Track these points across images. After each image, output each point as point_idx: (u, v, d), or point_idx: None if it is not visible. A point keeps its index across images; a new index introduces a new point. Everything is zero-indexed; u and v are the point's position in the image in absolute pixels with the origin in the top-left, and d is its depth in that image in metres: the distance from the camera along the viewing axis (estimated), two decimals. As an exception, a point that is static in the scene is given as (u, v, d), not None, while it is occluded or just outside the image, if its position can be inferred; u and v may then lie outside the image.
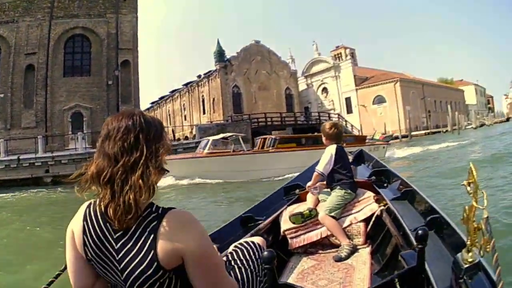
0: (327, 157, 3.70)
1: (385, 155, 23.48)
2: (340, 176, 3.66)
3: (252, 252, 2.00)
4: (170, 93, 72.99)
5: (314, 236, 3.46)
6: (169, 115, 71.50)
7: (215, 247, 1.54)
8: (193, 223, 1.37)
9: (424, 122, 65.09)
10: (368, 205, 3.57)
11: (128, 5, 36.53)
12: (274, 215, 3.71)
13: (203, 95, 59.41)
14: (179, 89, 68.69)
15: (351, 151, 5.66)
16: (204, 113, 58.64)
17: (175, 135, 42.25)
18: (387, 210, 3.40)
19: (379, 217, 3.44)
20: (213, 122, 45.42)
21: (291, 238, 3.47)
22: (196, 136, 33.68)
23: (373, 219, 3.46)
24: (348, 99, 65.04)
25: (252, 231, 3.16)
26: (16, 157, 23.63)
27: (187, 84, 64.93)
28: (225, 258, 1.94)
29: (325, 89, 68.54)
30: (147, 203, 1.37)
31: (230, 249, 2.10)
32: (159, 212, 1.36)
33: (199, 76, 60.43)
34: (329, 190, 3.73)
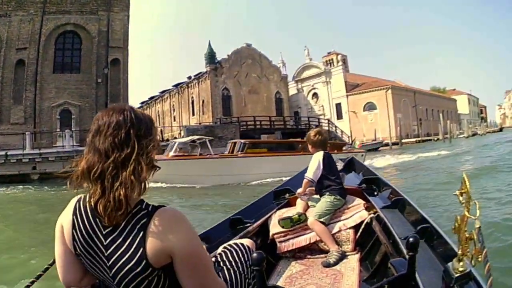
0: (315, 163, 3.76)
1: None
2: (329, 182, 3.72)
3: (241, 254, 2.02)
4: (160, 93, 73.16)
5: (303, 241, 3.52)
6: (159, 115, 71.59)
7: (204, 247, 1.54)
8: (183, 222, 1.38)
9: (415, 130, 65.79)
10: (358, 212, 3.63)
11: (120, 3, 36.59)
12: (263, 218, 3.75)
13: (192, 97, 59.70)
14: (169, 89, 68.90)
15: (341, 158, 5.92)
16: (194, 114, 58.87)
17: (163, 136, 42.41)
18: (377, 218, 3.45)
19: (368, 224, 3.50)
20: (201, 123, 45.50)
21: (279, 242, 3.54)
22: (184, 137, 33.17)
23: (363, 226, 3.52)
24: (338, 105, 65.62)
25: (241, 234, 3.19)
26: (4, 152, 23.78)
27: (177, 85, 65.18)
28: (214, 259, 1.97)
29: (315, 95, 69.10)
30: (137, 199, 1.38)
31: (219, 250, 2.13)
32: (149, 209, 1.36)
33: (189, 78, 60.63)
34: (318, 196, 3.79)
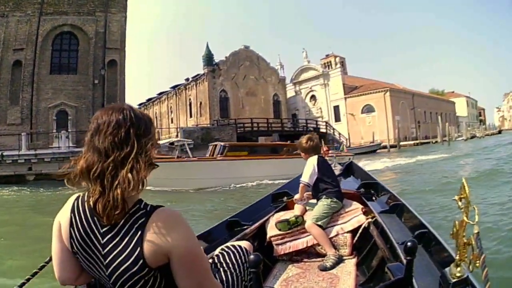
0: (310, 167, 3.80)
1: None
2: (325, 186, 3.75)
3: (238, 256, 2.02)
4: (157, 95, 73.50)
5: (300, 244, 3.55)
6: (156, 117, 71.72)
7: (201, 249, 1.54)
8: (181, 223, 1.38)
9: (414, 133, 65.94)
10: (356, 216, 3.65)
11: (117, 4, 36.57)
12: (261, 221, 3.78)
13: (190, 99, 60.09)
14: (166, 91, 69.30)
15: (340, 163, 6.01)
16: (191, 116, 59.32)
17: (160, 138, 42.32)
18: (375, 223, 3.48)
19: (366, 229, 3.53)
20: (198, 125, 45.84)
21: (276, 244, 3.56)
22: (180, 138, 33.04)
23: (360, 230, 3.54)
24: (336, 107, 65.82)
25: (238, 236, 3.20)
26: (0, 153, 23.90)
27: (174, 87, 65.58)
28: (211, 261, 1.97)
29: (313, 97, 69.38)
30: (135, 199, 1.39)
31: (217, 251, 2.13)
32: (148, 209, 1.37)
33: (187, 79, 61.05)
34: (315, 201, 3.81)
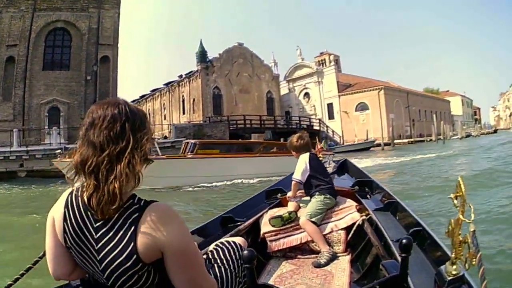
0: (301, 165, 3.84)
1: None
2: (318, 182, 3.77)
3: (232, 252, 2.03)
4: (151, 92, 73.91)
5: (294, 240, 3.56)
6: (149, 114, 71.41)
7: (195, 244, 1.55)
8: (175, 218, 1.38)
9: (408, 131, 66.37)
10: (350, 213, 3.67)
11: (111, 0, 37.01)
12: (255, 217, 3.80)
13: (183, 95, 60.70)
14: (159, 88, 69.89)
15: (335, 160, 6.06)
16: (184, 113, 59.89)
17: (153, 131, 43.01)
18: (369, 220, 3.49)
19: (360, 226, 3.54)
20: (191, 122, 45.88)
21: (270, 241, 3.57)
22: (172, 135, 33.80)
23: (354, 228, 3.56)
24: (330, 105, 66.32)
25: (232, 232, 3.21)
26: None
27: (168, 84, 66.12)
28: (205, 256, 1.97)
29: (307, 94, 69.97)
30: (130, 194, 1.38)
31: (211, 247, 2.13)
32: (141, 204, 1.37)
33: (180, 76, 61.72)
34: (308, 198, 3.84)
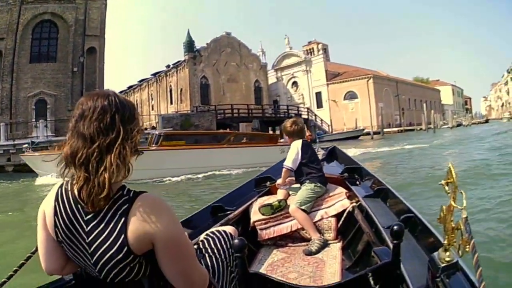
0: (293, 151, 3.89)
1: None
2: (309, 170, 3.82)
3: (223, 241, 2.07)
4: (138, 82, 74.20)
5: (284, 228, 3.62)
6: (137, 104, 71.01)
7: (186, 234, 1.55)
8: (164, 209, 1.39)
9: (397, 120, 67.35)
10: (340, 201, 3.73)
11: None
12: (244, 206, 3.85)
13: (171, 85, 61.23)
14: (147, 78, 70.24)
15: (323, 147, 6.13)
16: (172, 103, 60.52)
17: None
18: (359, 207, 3.55)
19: (351, 213, 3.60)
20: (178, 112, 46.69)
21: (260, 229, 3.64)
22: (159, 126, 34.45)
23: (345, 215, 3.62)
24: (318, 94, 67.25)
25: (222, 221, 3.23)
26: None
27: (155, 74, 66.46)
28: (196, 246, 2.01)
29: (295, 83, 70.93)
30: (119, 185, 1.40)
31: (201, 237, 2.16)
32: (131, 195, 1.38)
33: (167, 66, 62.16)
34: (299, 185, 3.89)
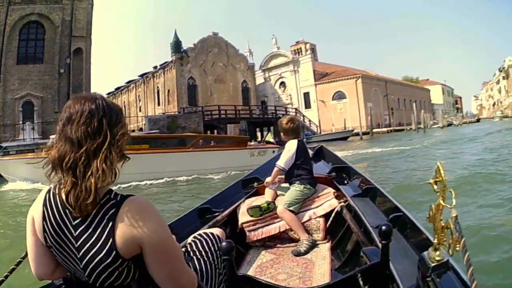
0: (288, 152, 3.89)
1: None
2: (300, 172, 3.86)
3: (211, 243, 2.14)
4: (126, 83, 74.58)
5: (273, 229, 3.66)
6: (125, 106, 72.07)
7: (173, 237, 1.59)
8: (151, 212, 1.42)
9: (387, 120, 68.23)
10: (328, 200, 3.77)
11: None
12: (232, 207, 3.87)
13: (158, 87, 61.55)
14: (134, 80, 70.59)
15: (310, 147, 5.89)
16: (159, 104, 61.13)
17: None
18: (348, 207, 3.58)
19: (339, 213, 3.64)
20: (165, 113, 47.51)
21: (249, 231, 3.66)
22: (146, 127, 35.09)
23: (333, 215, 3.67)
24: (306, 94, 67.96)
25: (209, 223, 3.26)
26: None
27: (142, 75, 66.70)
28: (184, 249, 2.07)
29: (283, 84, 71.60)
30: (106, 189, 1.42)
31: (189, 239, 2.23)
32: (118, 199, 1.41)
33: (155, 67, 62.73)
34: (287, 185, 3.93)
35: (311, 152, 5.42)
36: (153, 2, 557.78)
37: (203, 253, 2.06)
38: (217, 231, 2.38)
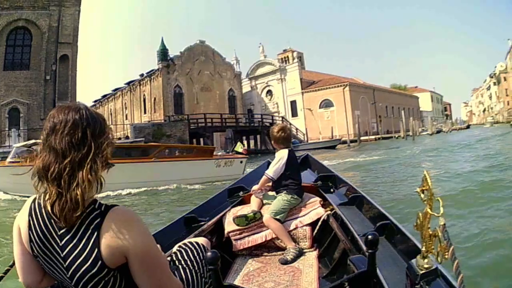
0: (278, 162, 3.92)
1: (244, 173, 17.23)
2: (288, 182, 3.91)
3: (196, 253, 2.15)
4: (112, 91, 74.82)
5: (259, 238, 3.69)
6: (111, 114, 73.35)
7: (158, 247, 1.64)
8: (136, 222, 1.47)
9: (375, 127, 68.93)
10: (314, 209, 3.83)
11: None
12: (218, 216, 3.91)
13: (144, 94, 62.46)
14: (121, 87, 70.93)
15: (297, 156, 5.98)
16: (145, 112, 61.78)
17: (113, 135, 42.66)
18: (334, 215, 3.65)
19: (326, 221, 3.71)
20: (150, 121, 47.56)
21: (235, 240, 3.69)
22: (131, 135, 35.23)
23: (320, 223, 3.73)
24: (293, 102, 68.48)
25: (195, 232, 3.33)
26: None
27: (129, 83, 67.19)
28: (169, 258, 2.09)
29: (269, 92, 72.29)
30: (90, 199, 1.46)
31: (174, 249, 2.25)
32: (102, 209, 1.45)
33: (141, 75, 63.33)
34: (274, 193, 3.97)
35: None
36: (141, 11, 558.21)
37: (189, 262, 2.08)
38: (202, 240, 2.41)
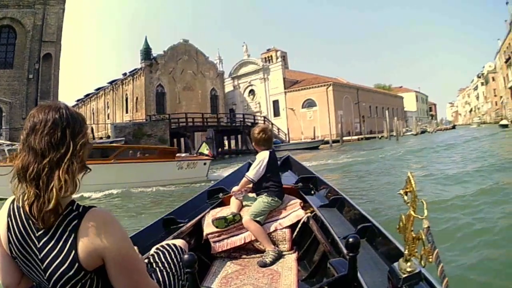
0: (259, 164, 3.97)
1: (207, 175, 18.43)
2: (269, 184, 3.97)
3: (173, 255, 2.19)
4: (95, 90, 75.26)
5: (238, 240, 3.74)
6: (93, 113, 73.98)
7: (136, 249, 1.68)
8: (113, 224, 1.49)
9: (358, 127, 70.00)
10: (294, 211, 3.91)
11: None
12: (197, 218, 3.98)
13: (127, 94, 63.20)
14: (104, 87, 71.55)
15: (278, 157, 5.94)
16: (127, 112, 62.40)
17: (94, 134, 41.04)
18: (314, 217, 3.72)
19: (306, 224, 3.77)
20: (132, 121, 48.22)
21: (214, 242, 3.74)
22: (112, 135, 35.77)
23: (299, 225, 3.80)
24: (276, 102, 69.95)
25: (174, 234, 3.37)
26: None
27: (112, 82, 68.48)
28: (146, 261, 2.11)
29: (252, 91, 73.59)
30: (68, 200, 1.49)
31: (152, 251, 2.29)
32: (80, 210, 1.47)
33: (124, 74, 64.04)
34: (254, 195, 4.04)
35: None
36: (127, 10, 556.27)
37: (166, 264, 2.11)
38: (179, 242, 2.43)
